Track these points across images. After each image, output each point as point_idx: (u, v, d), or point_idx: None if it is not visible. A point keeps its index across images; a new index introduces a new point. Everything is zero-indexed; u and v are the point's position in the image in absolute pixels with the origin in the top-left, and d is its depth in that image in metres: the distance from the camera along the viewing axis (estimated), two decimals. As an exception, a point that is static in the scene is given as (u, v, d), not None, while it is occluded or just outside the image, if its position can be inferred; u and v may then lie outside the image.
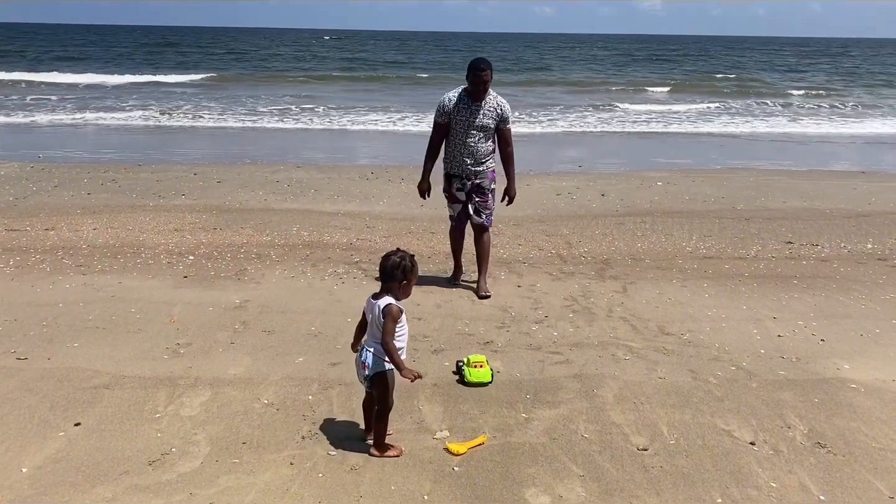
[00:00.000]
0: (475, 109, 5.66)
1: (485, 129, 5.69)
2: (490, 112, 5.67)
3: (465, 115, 5.68)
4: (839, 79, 41.02)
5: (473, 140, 5.70)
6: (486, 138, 5.74)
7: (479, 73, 5.53)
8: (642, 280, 6.36)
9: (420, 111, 21.40)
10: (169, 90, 27.97)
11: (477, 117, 5.65)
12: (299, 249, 7.19)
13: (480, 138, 5.71)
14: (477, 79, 5.55)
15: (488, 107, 5.67)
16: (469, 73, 5.60)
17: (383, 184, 10.98)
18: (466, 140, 5.70)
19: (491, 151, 5.81)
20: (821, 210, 9.52)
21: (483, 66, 5.54)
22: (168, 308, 5.38)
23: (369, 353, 3.34)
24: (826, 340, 4.97)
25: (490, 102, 5.68)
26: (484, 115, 5.66)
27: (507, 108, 5.74)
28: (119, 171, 11.71)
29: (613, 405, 3.91)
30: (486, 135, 5.72)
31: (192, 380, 4.12)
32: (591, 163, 13.89)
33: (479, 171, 5.77)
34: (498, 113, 5.68)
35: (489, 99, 5.67)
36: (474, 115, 5.66)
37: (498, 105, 5.69)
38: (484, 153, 5.76)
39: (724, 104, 26.81)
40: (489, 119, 5.68)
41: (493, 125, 5.70)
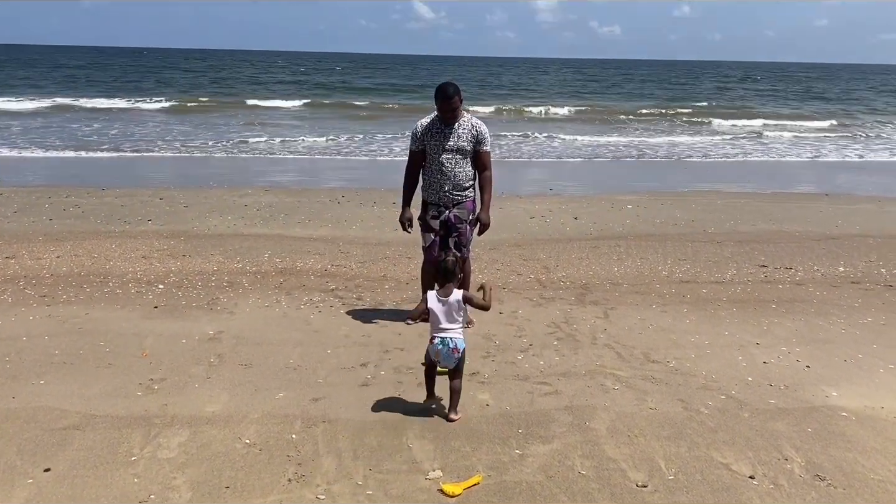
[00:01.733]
0: (448, 132, 5.42)
1: (460, 151, 5.43)
2: (465, 134, 5.42)
3: (438, 140, 5.43)
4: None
5: (450, 164, 5.44)
6: (463, 162, 5.46)
7: (446, 101, 5.29)
8: (623, 305, 6.31)
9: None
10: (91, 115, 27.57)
11: (450, 140, 5.40)
12: (272, 277, 7.01)
13: (457, 162, 5.44)
14: (445, 105, 5.31)
15: (462, 129, 5.42)
16: (437, 99, 5.33)
17: (355, 207, 10.85)
18: (442, 165, 5.44)
19: (471, 177, 5.56)
20: (790, 233, 9.63)
21: (450, 91, 5.28)
22: (139, 340, 5.16)
23: (456, 339, 4.04)
24: (811, 367, 4.95)
25: (464, 124, 5.44)
26: (458, 137, 5.41)
27: (482, 130, 5.47)
28: (82, 195, 11.39)
29: (607, 438, 3.81)
30: (462, 158, 5.45)
31: (169, 418, 3.93)
32: (560, 185, 13.92)
33: (458, 198, 5.50)
34: (473, 134, 5.43)
35: (463, 121, 5.44)
36: (448, 137, 5.41)
37: (473, 126, 5.44)
38: (463, 178, 5.49)
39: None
40: (464, 141, 5.42)
41: (470, 147, 5.44)
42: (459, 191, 5.52)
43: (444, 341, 4.01)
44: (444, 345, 4.01)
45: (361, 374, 4.63)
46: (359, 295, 6.45)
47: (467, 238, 5.63)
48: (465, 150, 5.44)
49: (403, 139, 19.00)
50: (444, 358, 4.03)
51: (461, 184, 5.51)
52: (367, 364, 4.80)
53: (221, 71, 63.04)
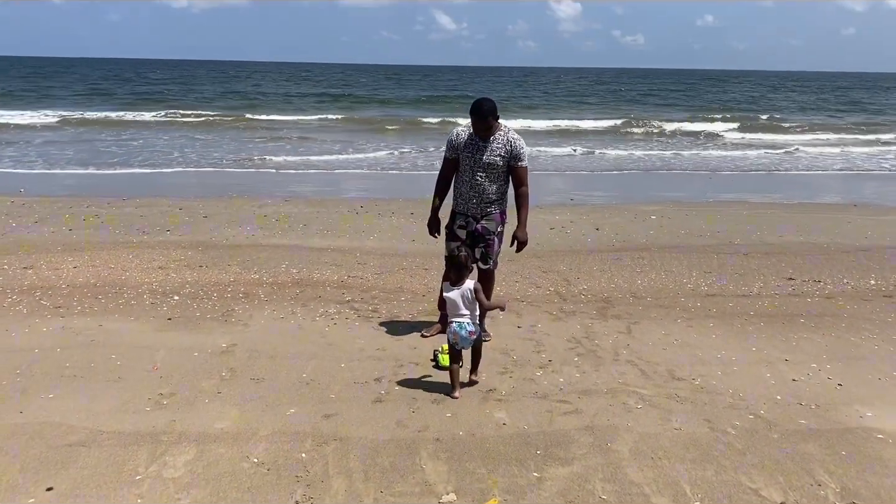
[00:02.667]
0: (483, 146, 5.24)
1: (493, 167, 5.25)
2: (499, 149, 5.21)
3: (472, 152, 5.25)
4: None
5: (480, 179, 5.27)
6: (494, 177, 5.29)
7: (481, 121, 5.11)
8: (646, 320, 6.13)
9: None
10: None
11: (484, 154, 5.23)
12: (288, 288, 6.92)
13: (487, 177, 5.27)
14: (479, 125, 5.15)
15: (497, 143, 5.21)
16: (471, 115, 5.16)
17: (373, 218, 10.76)
18: (473, 179, 5.29)
19: (501, 192, 5.37)
20: (819, 244, 9.37)
21: (484, 111, 5.08)
22: (151, 353, 5.08)
23: (469, 323, 4.51)
24: (843, 385, 4.75)
25: (500, 139, 5.21)
26: (492, 152, 5.22)
27: (518, 145, 5.23)
28: (102, 205, 11.41)
29: (630, 461, 3.64)
30: (494, 174, 5.27)
31: (176, 435, 3.82)
32: (582, 195, 13.75)
33: (486, 211, 5.34)
34: (508, 150, 5.21)
35: (499, 135, 5.24)
36: (481, 152, 5.23)
37: (509, 141, 5.22)
38: (492, 193, 5.32)
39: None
40: (497, 156, 5.21)
41: (503, 163, 5.25)
42: (487, 204, 5.35)
43: (461, 325, 4.49)
44: (461, 328, 4.49)
45: (375, 390, 4.50)
46: (374, 307, 6.34)
47: (494, 251, 5.46)
48: (497, 165, 5.25)
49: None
50: (461, 340, 4.50)
51: (490, 198, 5.34)
52: (381, 379, 4.68)
53: (238, 83, 63.50)
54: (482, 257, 5.44)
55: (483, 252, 5.43)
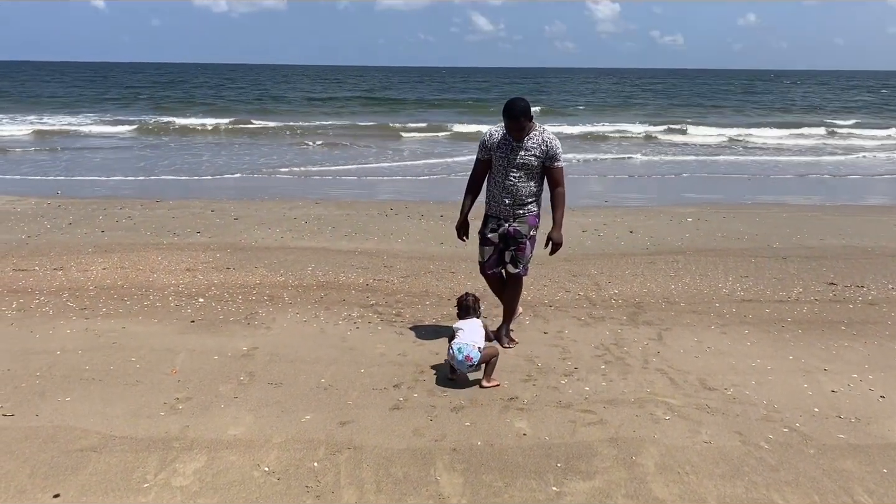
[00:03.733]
0: (517, 147, 5.06)
1: (527, 167, 5.08)
2: (534, 148, 5.05)
3: (506, 153, 5.09)
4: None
5: (513, 179, 5.12)
6: (528, 178, 5.13)
7: (513, 122, 4.96)
8: (678, 326, 5.92)
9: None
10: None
11: (518, 154, 5.09)
12: (313, 291, 6.85)
13: (521, 177, 5.10)
14: (511, 125, 4.98)
15: (532, 143, 5.05)
16: (504, 116, 5.00)
17: (402, 220, 10.68)
18: (506, 180, 5.12)
19: (535, 193, 5.21)
20: (861, 248, 9.03)
21: (516, 112, 4.92)
22: (171, 356, 5.04)
23: (471, 349, 4.53)
24: (886, 397, 4.50)
25: (535, 138, 5.06)
26: (527, 151, 5.05)
27: (554, 144, 5.06)
28: (136, 206, 11.52)
29: (655, 476, 3.47)
30: (528, 174, 5.12)
31: (188, 442, 3.76)
32: (617, 197, 13.50)
33: (518, 213, 5.20)
34: (543, 150, 5.04)
35: (534, 134, 5.07)
36: (515, 152, 5.09)
37: (544, 141, 5.05)
38: (526, 194, 5.17)
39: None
40: (532, 157, 5.05)
41: (538, 163, 5.09)
42: (520, 206, 5.20)
43: (460, 349, 4.52)
44: (459, 352, 4.52)
45: (393, 396, 4.39)
46: (398, 311, 6.23)
47: (525, 255, 5.30)
48: (532, 165, 5.10)
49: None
50: (457, 363, 4.54)
51: (523, 199, 5.19)
52: (401, 385, 4.56)
53: (279, 86, 63.98)
54: (512, 261, 5.30)
55: (514, 255, 5.29)
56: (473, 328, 4.70)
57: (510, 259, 5.30)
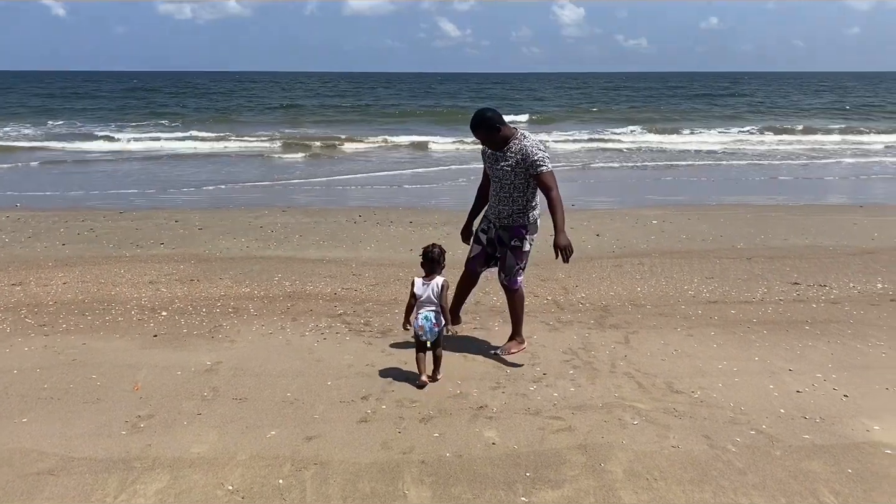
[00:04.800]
0: (499, 156, 5.10)
1: (506, 176, 5.07)
2: (511, 157, 5.03)
3: (490, 163, 5.18)
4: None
5: (496, 187, 5.18)
6: (510, 187, 5.11)
7: (476, 134, 5.05)
8: (645, 329, 5.95)
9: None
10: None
11: (498, 164, 5.10)
12: (280, 301, 6.77)
13: (503, 186, 5.12)
14: (478, 138, 5.08)
15: (511, 152, 5.04)
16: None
17: (371, 227, 10.61)
18: (493, 188, 5.23)
19: (521, 203, 5.15)
20: (824, 247, 9.17)
21: (473, 124, 5.01)
22: (133, 373, 4.93)
23: (436, 315, 4.77)
24: (850, 396, 4.56)
25: (514, 147, 5.03)
26: (506, 161, 5.06)
27: (532, 151, 4.98)
28: (98, 218, 11.29)
29: (624, 483, 3.47)
30: (509, 184, 5.10)
31: (150, 461, 3.67)
32: (583, 200, 13.57)
33: (504, 222, 5.22)
34: (520, 159, 5.00)
35: (514, 143, 5.04)
36: (497, 161, 5.11)
37: (521, 149, 5.00)
38: (509, 204, 5.15)
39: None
40: (509, 167, 5.04)
41: (516, 172, 5.03)
42: (506, 216, 5.21)
43: (426, 317, 4.74)
44: (426, 320, 4.73)
45: (361, 409, 4.34)
46: (367, 320, 6.18)
47: (507, 264, 5.27)
48: (509, 176, 5.08)
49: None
50: (427, 332, 4.74)
51: (506, 209, 5.18)
52: (369, 397, 4.51)
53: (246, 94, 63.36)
54: (499, 268, 5.34)
55: (499, 262, 5.33)
56: (430, 292, 4.83)
57: (498, 266, 5.34)
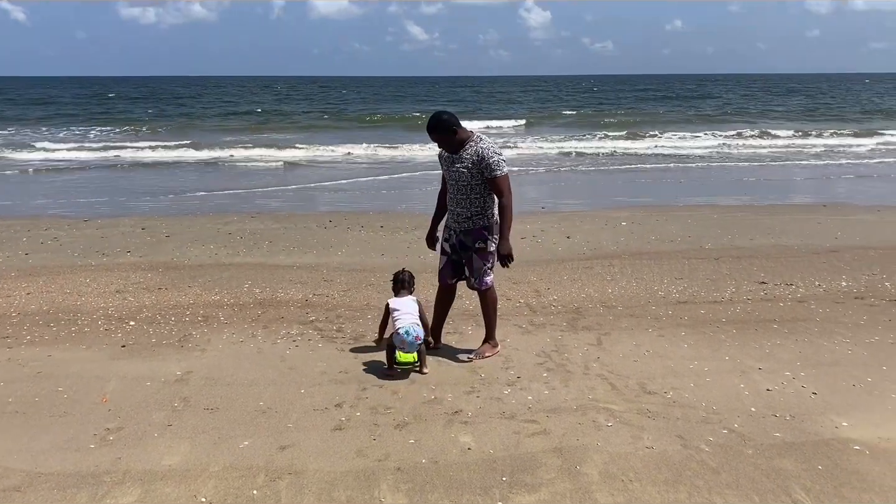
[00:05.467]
0: (455, 159, 5.10)
1: (462, 179, 5.06)
2: (466, 160, 5.02)
3: (446, 166, 5.19)
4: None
5: (453, 191, 5.16)
6: (467, 190, 5.10)
7: (431, 136, 5.07)
8: (616, 330, 5.99)
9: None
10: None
11: (453, 167, 5.10)
12: (250, 309, 6.69)
13: (460, 189, 5.10)
14: (434, 140, 5.10)
15: (466, 154, 5.03)
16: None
17: (342, 232, 10.56)
18: (450, 191, 5.22)
19: (478, 206, 5.15)
20: (789, 247, 9.33)
21: (429, 126, 5.04)
22: (101, 384, 4.84)
23: (416, 328, 4.93)
24: (818, 393, 4.63)
25: (469, 149, 5.03)
26: (461, 164, 5.05)
27: (485, 156, 4.97)
28: (62, 227, 11.10)
29: (600, 485, 3.48)
30: (466, 186, 5.07)
31: (121, 475, 3.60)
32: (553, 203, 13.65)
33: (464, 226, 5.20)
34: (475, 161, 4.99)
35: (470, 145, 5.04)
36: (454, 163, 5.11)
37: (476, 152, 4.99)
38: (466, 207, 5.15)
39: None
40: (464, 168, 5.04)
41: (471, 175, 5.03)
42: (465, 219, 5.19)
43: (408, 331, 4.86)
44: (407, 333, 4.84)
45: (335, 416, 4.30)
46: (339, 326, 6.13)
47: (475, 267, 5.26)
48: (466, 178, 5.08)
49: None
50: (408, 345, 4.86)
51: (465, 212, 5.17)
52: (343, 404, 4.47)
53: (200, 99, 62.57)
54: (468, 274, 5.32)
55: (467, 269, 5.31)
56: (408, 306, 5.05)
57: (467, 273, 5.32)
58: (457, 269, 5.39)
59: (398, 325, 4.92)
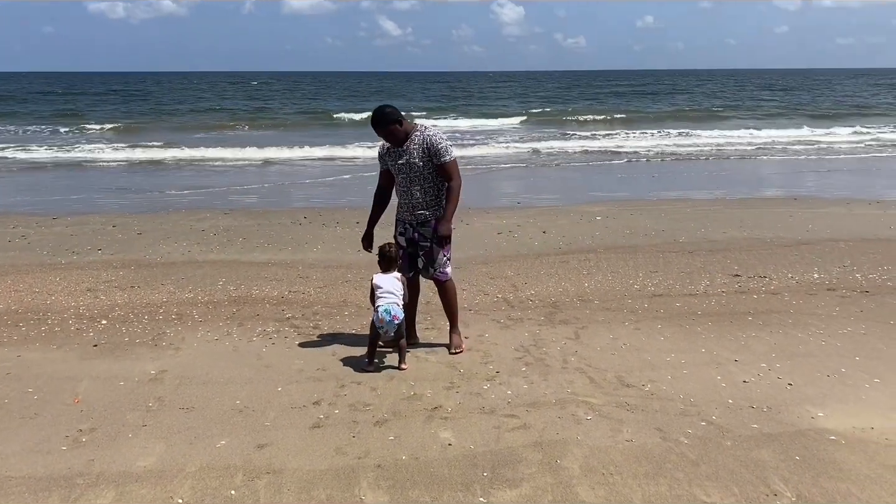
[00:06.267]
0: (401, 151, 5.10)
1: (413, 169, 5.07)
2: (416, 150, 5.04)
3: (393, 159, 5.16)
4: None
5: (406, 185, 5.15)
6: (420, 180, 5.10)
7: (375, 129, 5.09)
8: (594, 323, 6.01)
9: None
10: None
11: (402, 159, 5.10)
12: (225, 306, 6.61)
13: (412, 180, 5.11)
14: (380, 135, 5.12)
15: (414, 145, 5.05)
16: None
17: (317, 228, 10.48)
18: (401, 186, 5.19)
19: (433, 196, 5.16)
20: (762, 239, 9.42)
21: (374, 120, 5.06)
22: (73, 385, 4.74)
23: (396, 308, 4.89)
24: (794, 384, 4.68)
25: (416, 139, 5.05)
26: (410, 154, 5.06)
27: (434, 142, 5.01)
28: (31, 224, 10.88)
29: (581, 479, 3.48)
30: (418, 177, 5.09)
31: (94, 477, 3.52)
32: (528, 197, 13.67)
33: (420, 217, 5.18)
34: (424, 149, 5.02)
35: (415, 136, 5.06)
36: (401, 156, 5.10)
37: (424, 140, 5.03)
38: (420, 198, 5.14)
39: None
40: (416, 158, 5.04)
41: (423, 164, 5.04)
42: (421, 209, 5.18)
43: (387, 310, 4.83)
44: (387, 313, 4.83)
45: (313, 414, 4.25)
46: (316, 323, 6.08)
47: (436, 259, 5.24)
48: (417, 166, 5.07)
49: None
50: (387, 324, 4.85)
51: (419, 203, 5.17)
52: (321, 402, 4.43)
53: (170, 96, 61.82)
54: (424, 267, 5.27)
55: (424, 261, 5.26)
56: (391, 284, 4.98)
57: (422, 266, 5.27)
58: (412, 261, 5.33)
59: (378, 304, 4.92)
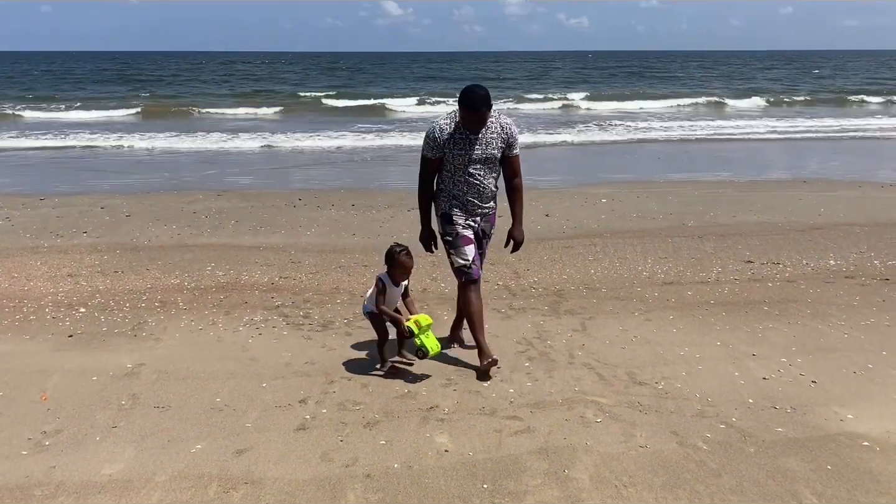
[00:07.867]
0: (474, 140, 4.44)
1: (490, 160, 4.51)
2: (494, 139, 4.47)
3: (463, 148, 4.45)
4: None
5: (478, 177, 4.52)
6: (491, 171, 4.56)
7: (474, 114, 4.32)
8: (601, 314, 5.67)
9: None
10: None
11: (477, 149, 4.46)
12: (212, 293, 6.27)
13: (486, 172, 4.53)
14: (472, 118, 4.34)
15: (491, 133, 4.46)
16: (462, 107, 4.32)
17: (312, 210, 10.11)
18: (470, 177, 4.51)
19: (496, 187, 4.65)
20: (773, 224, 9.07)
21: (478, 103, 4.28)
22: (42, 380, 4.40)
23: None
24: (818, 382, 4.34)
25: (493, 127, 4.47)
26: (487, 144, 4.46)
27: (513, 131, 4.54)
28: (16, 206, 10.52)
29: (591, 491, 3.14)
30: (491, 168, 4.55)
31: (53, 487, 3.19)
32: (531, 179, 13.27)
33: (486, 210, 4.67)
34: (503, 138, 4.49)
35: (491, 123, 4.46)
36: (473, 146, 4.45)
37: (503, 128, 4.49)
38: (491, 190, 4.61)
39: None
40: (494, 149, 4.48)
41: (500, 154, 4.52)
42: (490, 201, 4.67)
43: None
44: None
45: (299, 414, 3.92)
46: (306, 312, 5.74)
47: (485, 254, 4.90)
48: (494, 157, 4.54)
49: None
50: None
51: (489, 195, 4.64)
52: (307, 400, 4.10)
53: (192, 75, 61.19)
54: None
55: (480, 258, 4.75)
56: (400, 292, 4.62)
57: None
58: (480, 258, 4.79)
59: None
